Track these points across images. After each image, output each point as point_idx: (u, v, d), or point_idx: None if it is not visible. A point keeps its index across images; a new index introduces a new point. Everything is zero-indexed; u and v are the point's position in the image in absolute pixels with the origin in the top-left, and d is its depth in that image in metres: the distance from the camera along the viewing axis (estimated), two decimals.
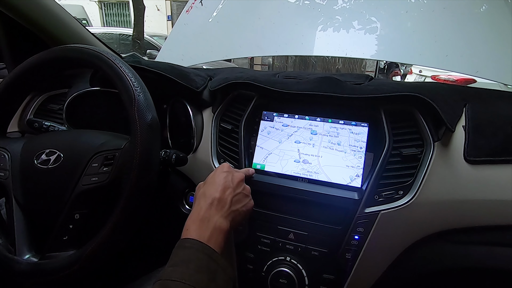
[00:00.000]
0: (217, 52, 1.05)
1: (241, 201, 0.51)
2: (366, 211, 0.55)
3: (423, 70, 4.05)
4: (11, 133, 0.81)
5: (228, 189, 0.50)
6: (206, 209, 0.46)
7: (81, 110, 0.79)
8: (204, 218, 0.45)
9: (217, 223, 0.45)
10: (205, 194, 0.49)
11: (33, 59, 0.57)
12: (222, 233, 0.45)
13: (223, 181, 0.50)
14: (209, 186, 0.50)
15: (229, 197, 0.49)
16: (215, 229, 0.44)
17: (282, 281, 0.56)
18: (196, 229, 0.44)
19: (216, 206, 0.47)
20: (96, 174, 0.52)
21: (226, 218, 0.47)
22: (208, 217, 0.45)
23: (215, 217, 0.46)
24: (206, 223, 0.45)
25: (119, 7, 11.83)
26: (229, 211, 0.48)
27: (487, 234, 0.54)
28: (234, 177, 0.52)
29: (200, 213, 0.46)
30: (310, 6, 0.99)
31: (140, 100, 0.49)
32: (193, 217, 0.46)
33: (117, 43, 6.36)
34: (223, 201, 0.48)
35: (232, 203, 0.49)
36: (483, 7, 0.86)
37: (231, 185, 0.50)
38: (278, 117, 0.66)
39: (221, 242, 0.44)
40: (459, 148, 0.55)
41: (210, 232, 0.44)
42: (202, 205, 0.47)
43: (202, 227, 0.44)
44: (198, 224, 0.45)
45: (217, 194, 0.48)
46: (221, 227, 0.45)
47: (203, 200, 0.48)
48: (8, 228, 0.53)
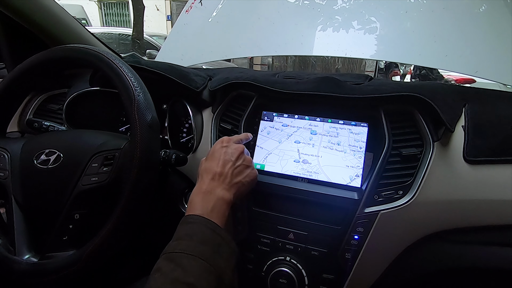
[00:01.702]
0: (217, 52, 1.05)
1: (242, 172, 0.52)
2: (366, 211, 0.55)
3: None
4: (11, 133, 0.81)
5: (229, 163, 0.51)
6: (208, 183, 0.48)
7: (80, 110, 0.79)
8: (207, 191, 0.47)
9: (219, 195, 0.47)
10: (207, 169, 0.50)
11: (33, 59, 0.57)
12: (225, 203, 0.47)
13: (223, 155, 0.51)
14: (210, 161, 0.51)
15: (230, 170, 0.50)
16: (218, 200, 0.46)
17: (282, 281, 0.56)
18: (199, 201, 0.46)
19: (218, 180, 0.49)
20: (96, 174, 0.52)
21: (229, 190, 0.49)
22: (210, 190, 0.47)
23: (217, 189, 0.47)
24: (209, 195, 0.47)
25: (118, 7, 11.82)
26: (231, 183, 0.49)
27: (487, 234, 0.54)
28: (233, 150, 0.53)
29: (202, 186, 0.48)
30: (309, 6, 0.99)
31: (140, 100, 0.49)
32: (196, 191, 0.48)
33: (116, 43, 6.35)
34: (224, 175, 0.49)
35: (233, 175, 0.50)
36: (482, 7, 0.86)
37: (231, 158, 0.52)
38: (278, 117, 0.66)
39: (224, 212, 0.46)
40: (458, 148, 0.55)
41: (213, 203, 0.46)
42: (204, 180, 0.49)
43: (205, 199, 0.46)
44: (201, 196, 0.46)
45: (217, 168, 0.50)
46: (224, 198, 0.47)
47: (205, 175, 0.49)
48: (8, 228, 0.53)
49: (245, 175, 0.52)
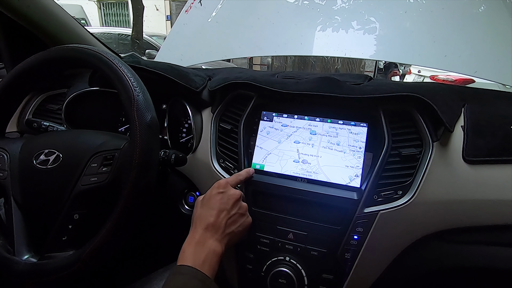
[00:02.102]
0: (216, 52, 1.05)
1: (236, 221, 0.53)
2: (365, 211, 0.55)
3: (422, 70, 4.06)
4: (10, 133, 0.81)
5: (223, 212, 0.51)
6: (201, 233, 0.49)
7: (80, 110, 0.79)
8: (199, 242, 0.48)
9: (211, 247, 0.48)
10: (201, 218, 0.51)
11: (32, 59, 0.57)
12: (216, 256, 0.48)
13: (218, 203, 0.52)
14: (205, 209, 0.52)
15: (224, 220, 0.51)
16: (209, 253, 0.47)
17: (282, 281, 0.56)
18: (191, 252, 0.47)
19: (211, 231, 0.50)
20: (95, 174, 0.51)
21: (221, 241, 0.50)
22: (203, 241, 0.48)
23: (209, 240, 0.48)
24: (201, 246, 0.47)
25: (118, 7, 11.81)
26: (224, 234, 0.50)
27: (486, 233, 0.54)
28: (229, 197, 0.53)
29: (195, 236, 0.49)
30: (309, 6, 0.99)
31: (139, 100, 0.49)
32: (189, 240, 0.49)
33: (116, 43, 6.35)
34: (217, 225, 0.50)
35: (227, 225, 0.51)
36: (481, 8, 0.86)
37: (226, 207, 0.52)
38: (277, 117, 0.66)
39: (215, 265, 0.47)
40: (457, 148, 0.55)
41: (205, 255, 0.47)
42: (197, 229, 0.50)
43: (197, 250, 0.47)
44: (193, 247, 0.47)
45: (211, 218, 0.50)
46: (215, 251, 0.48)
47: (198, 224, 0.50)
48: (7, 228, 0.53)
49: (239, 224, 0.53)
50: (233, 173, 0.64)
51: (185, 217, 0.73)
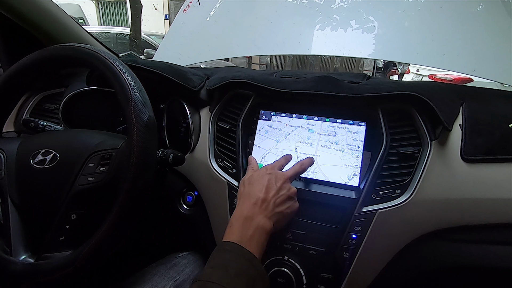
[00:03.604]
0: (215, 51, 1.05)
1: (285, 202, 0.51)
2: (364, 210, 0.55)
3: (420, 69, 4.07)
4: (7, 133, 0.80)
5: (272, 190, 0.50)
6: (250, 208, 0.47)
7: (77, 109, 0.79)
8: (248, 217, 0.46)
9: (260, 223, 0.46)
10: (249, 193, 0.49)
11: (29, 58, 0.56)
12: (265, 232, 0.46)
13: (267, 182, 0.50)
14: (253, 186, 0.50)
15: (273, 199, 0.49)
16: (257, 228, 0.45)
17: (280, 280, 0.56)
18: (239, 226, 0.45)
19: (260, 206, 0.48)
20: (92, 174, 0.51)
21: (270, 218, 0.48)
22: (251, 216, 0.46)
23: (258, 216, 0.47)
24: (250, 221, 0.46)
25: (116, 6, 11.78)
26: (273, 212, 0.48)
27: (484, 232, 0.54)
28: (277, 178, 0.52)
29: (243, 211, 0.47)
30: (307, 5, 0.99)
31: (137, 100, 0.49)
32: (237, 215, 0.47)
33: (114, 42, 6.33)
34: (266, 202, 0.48)
35: (276, 204, 0.49)
36: (480, 6, 0.86)
37: (275, 186, 0.50)
38: (276, 116, 0.66)
39: (263, 242, 0.45)
40: (456, 146, 0.55)
41: (253, 231, 0.45)
42: (246, 204, 0.48)
43: (245, 225, 0.45)
44: (241, 222, 0.46)
45: (261, 194, 0.49)
46: (264, 227, 0.46)
47: (247, 199, 0.49)
48: (4, 228, 0.53)
49: (287, 206, 0.51)
50: (231, 173, 0.64)
51: (183, 217, 0.72)
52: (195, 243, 0.76)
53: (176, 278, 0.65)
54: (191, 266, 0.71)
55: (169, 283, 0.64)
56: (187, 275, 0.68)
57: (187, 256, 0.73)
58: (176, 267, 0.68)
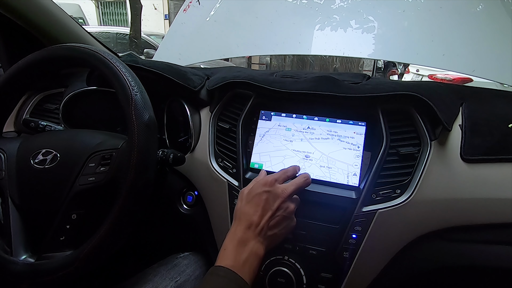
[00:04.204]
0: (215, 51, 1.05)
1: (280, 224, 0.51)
2: (364, 210, 0.55)
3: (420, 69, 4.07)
4: (7, 133, 0.80)
5: (268, 213, 0.50)
6: (243, 231, 0.48)
7: (77, 109, 0.79)
8: (241, 241, 0.47)
9: (253, 248, 0.47)
10: (244, 215, 0.50)
11: (29, 58, 0.56)
12: (258, 259, 0.47)
13: (263, 202, 0.50)
14: (249, 206, 0.51)
15: (268, 222, 0.49)
16: (251, 254, 0.46)
17: (280, 280, 0.56)
18: (233, 250, 0.46)
19: (254, 230, 0.48)
20: (93, 174, 0.51)
21: (263, 243, 0.49)
22: (245, 241, 0.47)
23: (252, 241, 0.48)
24: (243, 247, 0.47)
25: (116, 6, 11.77)
26: (266, 235, 0.49)
27: (484, 232, 0.54)
28: (276, 197, 0.51)
29: (237, 234, 0.48)
30: (307, 5, 0.99)
31: (137, 100, 0.49)
32: (231, 237, 0.48)
33: (114, 42, 6.34)
34: (260, 226, 0.49)
35: (270, 227, 0.50)
36: (479, 7, 0.86)
37: (272, 207, 0.50)
38: (276, 117, 0.66)
39: (255, 268, 0.46)
40: (455, 147, 0.55)
41: (246, 256, 0.46)
42: (240, 226, 0.49)
43: (239, 250, 0.46)
44: (235, 245, 0.47)
45: (255, 218, 0.49)
46: (257, 253, 0.47)
47: (242, 221, 0.49)
48: (4, 228, 0.53)
49: (282, 227, 0.51)
50: (231, 173, 0.64)
51: (183, 217, 0.72)
52: (196, 243, 0.76)
53: (177, 279, 0.65)
54: (192, 266, 0.71)
55: (170, 283, 0.64)
56: (188, 275, 0.68)
57: (188, 257, 0.73)
58: (177, 268, 0.68)
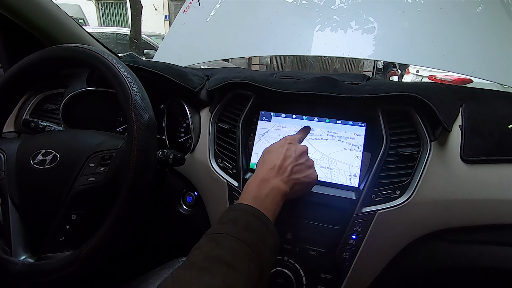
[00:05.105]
0: (215, 51, 1.05)
1: (302, 171, 0.51)
2: (364, 211, 0.55)
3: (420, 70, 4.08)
4: (7, 133, 0.80)
5: (290, 158, 0.50)
6: (266, 172, 0.47)
7: (77, 110, 0.79)
8: (263, 179, 0.46)
9: (276, 184, 0.46)
10: (266, 161, 0.50)
11: (29, 58, 0.56)
12: (280, 193, 0.46)
13: (286, 151, 0.51)
14: (271, 154, 0.51)
15: (290, 166, 0.49)
16: (273, 189, 0.45)
17: (280, 281, 0.56)
18: (255, 186, 0.45)
19: (277, 172, 0.48)
20: (92, 174, 0.51)
21: (286, 183, 0.48)
22: (268, 179, 0.47)
23: (274, 179, 0.47)
24: (266, 183, 0.46)
25: (116, 6, 11.78)
26: (289, 178, 0.48)
27: (484, 233, 0.54)
28: (297, 149, 0.52)
29: (259, 175, 0.47)
30: (307, 6, 0.99)
31: (137, 100, 0.49)
32: (252, 179, 0.48)
33: (114, 43, 6.34)
34: (283, 168, 0.48)
35: (293, 172, 0.49)
36: (479, 8, 0.86)
37: (293, 155, 0.51)
38: (276, 117, 0.66)
39: (278, 201, 0.45)
40: (455, 147, 0.55)
41: (269, 190, 0.45)
42: (263, 169, 0.48)
43: (262, 185, 0.46)
44: (258, 182, 0.46)
45: (278, 161, 0.49)
46: (279, 188, 0.46)
47: (264, 166, 0.49)
48: (4, 228, 0.53)
49: (305, 175, 0.51)
50: (231, 173, 0.64)
51: (183, 217, 0.72)
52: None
53: None
54: None
55: None
56: None
57: None
58: None
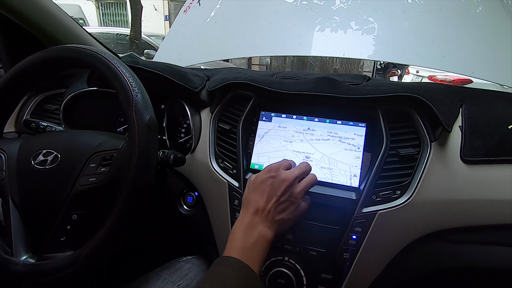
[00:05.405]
0: (215, 52, 1.05)
1: (286, 209, 0.51)
2: (364, 211, 0.55)
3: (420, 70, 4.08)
4: (8, 133, 0.80)
5: (273, 198, 0.50)
6: (251, 217, 0.48)
7: (78, 110, 0.79)
8: (249, 225, 0.48)
9: (261, 232, 0.47)
10: (251, 201, 0.50)
11: (30, 59, 0.56)
12: (266, 241, 0.47)
13: (268, 188, 0.51)
14: (255, 193, 0.51)
15: (273, 206, 0.50)
16: (259, 237, 0.47)
17: (280, 281, 0.56)
18: (241, 233, 0.47)
19: (260, 215, 0.49)
20: (93, 174, 0.51)
21: (271, 227, 0.49)
22: (253, 225, 0.48)
23: (260, 225, 0.48)
24: (251, 230, 0.47)
25: (116, 6, 11.79)
26: (274, 219, 0.49)
27: (484, 233, 0.54)
28: (280, 182, 0.51)
29: (245, 219, 0.49)
30: (307, 7, 0.99)
31: (138, 101, 0.49)
32: (239, 223, 0.49)
33: (114, 43, 6.35)
34: (266, 210, 0.49)
35: (276, 212, 0.50)
36: (479, 8, 0.86)
37: (277, 192, 0.50)
38: (276, 117, 0.66)
39: (265, 249, 0.47)
40: (455, 148, 0.55)
41: (256, 238, 0.47)
42: (248, 212, 0.49)
43: (247, 233, 0.47)
44: (243, 229, 0.47)
45: (261, 203, 0.50)
46: (265, 236, 0.48)
47: (249, 207, 0.50)
48: (5, 229, 0.53)
49: (289, 212, 0.51)
50: (232, 173, 0.64)
51: (183, 217, 0.72)
52: (197, 246, 0.76)
53: (180, 283, 0.65)
54: (195, 270, 0.70)
55: (172, 287, 0.64)
56: (191, 279, 0.67)
57: (191, 261, 0.73)
58: (180, 272, 0.68)
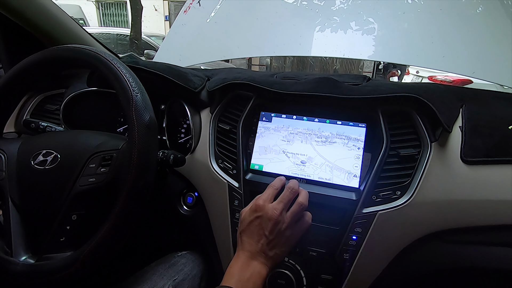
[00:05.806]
0: (215, 52, 1.05)
1: (277, 245, 0.52)
2: (364, 212, 0.55)
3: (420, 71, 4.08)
4: (8, 133, 0.80)
5: (262, 238, 0.51)
6: (246, 256, 0.51)
7: (78, 110, 0.79)
8: (245, 263, 0.50)
9: (256, 269, 0.50)
10: (244, 242, 0.52)
11: (30, 59, 0.56)
12: (261, 278, 0.49)
13: (256, 229, 0.52)
14: (245, 233, 0.53)
15: (265, 245, 0.51)
16: (254, 273, 0.49)
17: (280, 282, 0.56)
18: (238, 269, 0.49)
19: (254, 255, 0.51)
20: (93, 174, 0.51)
21: (266, 264, 0.51)
22: (248, 263, 0.50)
23: (254, 262, 0.50)
24: (247, 267, 0.50)
25: (116, 7, 11.79)
26: (268, 257, 0.51)
27: (484, 234, 0.54)
28: (267, 221, 0.51)
29: (241, 257, 0.51)
30: (308, 7, 0.99)
31: (138, 101, 0.49)
32: (235, 260, 0.51)
33: (114, 43, 6.35)
34: (259, 251, 0.51)
35: (269, 249, 0.51)
36: (479, 8, 0.86)
37: (265, 232, 0.51)
38: (276, 118, 0.66)
39: (259, 285, 0.49)
40: (456, 148, 0.55)
41: (250, 274, 0.49)
42: (243, 251, 0.51)
43: (243, 269, 0.49)
44: (239, 265, 0.50)
45: (253, 245, 0.51)
46: (260, 273, 0.50)
47: (245, 247, 0.52)
48: (5, 229, 0.53)
49: (281, 245, 0.52)
50: (231, 174, 0.64)
51: (183, 218, 0.72)
52: (194, 242, 0.76)
53: (175, 278, 0.66)
54: (190, 265, 0.71)
55: (168, 282, 0.64)
56: (186, 274, 0.68)
57: (186, 255, 0.74)
58: (175, 266, 0.69)
